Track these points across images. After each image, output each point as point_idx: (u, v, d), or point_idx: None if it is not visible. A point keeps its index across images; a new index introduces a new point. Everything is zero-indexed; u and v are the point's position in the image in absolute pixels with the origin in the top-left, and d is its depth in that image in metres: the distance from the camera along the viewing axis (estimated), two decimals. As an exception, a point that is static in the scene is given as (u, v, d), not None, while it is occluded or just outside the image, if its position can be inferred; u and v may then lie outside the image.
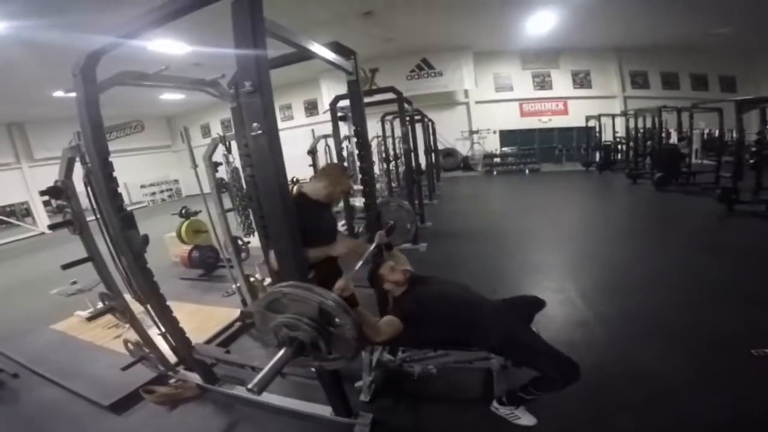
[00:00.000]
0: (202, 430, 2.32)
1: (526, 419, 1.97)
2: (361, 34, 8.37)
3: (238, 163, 3.41)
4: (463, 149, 13.62)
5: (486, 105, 13.10)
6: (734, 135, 6.75)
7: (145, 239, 2.50)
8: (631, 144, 10.05)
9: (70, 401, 2.75)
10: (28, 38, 4.60)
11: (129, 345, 2.80)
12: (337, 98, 4.74)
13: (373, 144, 9.33)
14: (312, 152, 5.44)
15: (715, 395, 2.05)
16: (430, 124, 9.46)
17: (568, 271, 4.10)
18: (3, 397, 2.94)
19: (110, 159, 2.27)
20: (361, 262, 2.07)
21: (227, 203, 3.50)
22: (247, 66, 1.43)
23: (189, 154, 3.57)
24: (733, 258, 3.97)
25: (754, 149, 5.58)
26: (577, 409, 2.02)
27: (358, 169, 2.83)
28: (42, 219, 11.43)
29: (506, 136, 13.21)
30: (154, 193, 15.40)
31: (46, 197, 2.77)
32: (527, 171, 12.08)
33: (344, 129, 13.18)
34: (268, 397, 2.30)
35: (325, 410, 2.12)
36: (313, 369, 1.91)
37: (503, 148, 13.04)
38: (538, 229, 5.81)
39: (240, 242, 3.94)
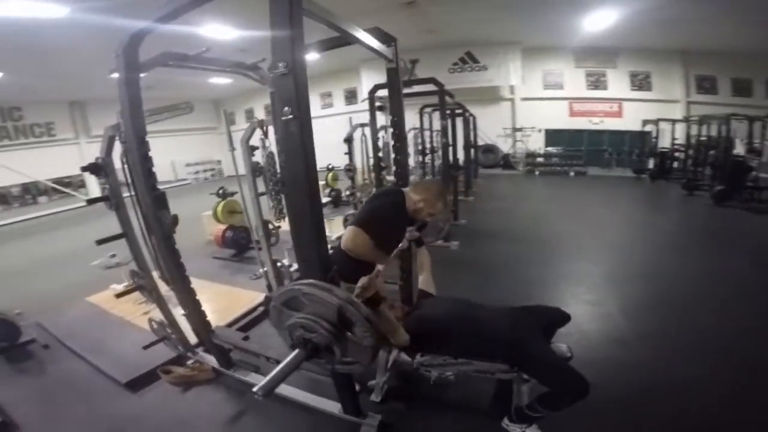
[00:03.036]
0: (212, 416, 2.32)
1: None
2: (402, 24, 8.17)
3: (274, 148, 3.44)
4: (505, 146, 13.14)
5: (532, 102, 12.53)
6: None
7: (175, 220, 2.52)
8: (691, 152, 9.27)
9: (91, 376, 2.85)
10: (87, 21, 4.82)
11: (153, 324, 2.88)
12: (376, 87, 4.64)
13: (410, 136, 9.19)
14: (348, 140, 5.38)
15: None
16: (471, 118, 9.15)
17: (610, 283, 3.82)
18: (29, 368, 3.09)
19: (147, 138, 2.32)
20: (390, 257, 2.04)
21: (261, 187, 3.52)
22: (282, 46, 1.34)
23: (227, 137, 3.61)
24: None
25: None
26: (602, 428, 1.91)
27: (392, 160, 2.72)
28: (94, 191, 12.25)
29: (552, 136, 12.59)
30: (197, 172, 16.04)
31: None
32: (572, 173, 11.48)
33: (381, 119, 13.08)
34: (280, 388, 2.26)
35: (334, 407, 2.08)
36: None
37: (548, 148, 12.46)
38: (579, 235, 5.48)
39: (270, 226, 3.98)
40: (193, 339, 2.77)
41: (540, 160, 12.34)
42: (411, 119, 8.24)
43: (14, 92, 9.19)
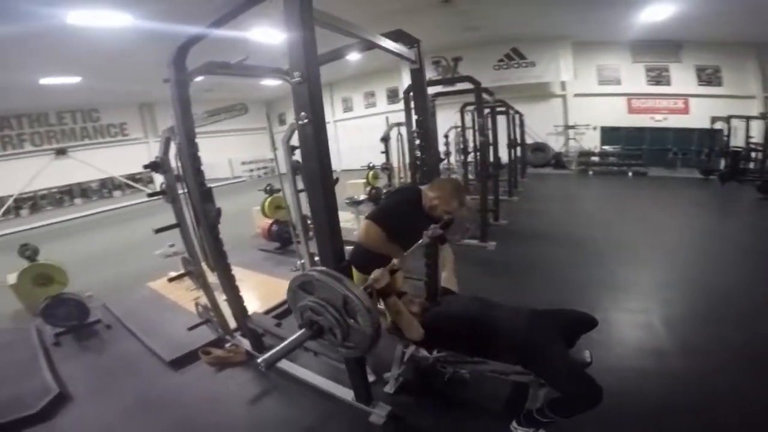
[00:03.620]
0: (238, 395, 2.53)
1: None
2: (440, 22, 8.12)
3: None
4: (556, 145, 12.58)
5: (586, 98, 11.87)
6: None
7: (218, 212, 2.77)
8: (769, 152, 8.32)
9: (142, 355, 3.20)
10: (148, 28, 5.30)
11: (199, 307, 3.18)
12: (410, 87, 4.69)
13: (451, 135, 9.11)
14: (385, 139, 5.49)
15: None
16: (516, 116, 8.88)
17: (656, 292, 3.56)
18: (92, 346, 3.53)
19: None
20: (410, 251, 2.06)
21: (301, 185, 3.74)
22: (297, 57, 1.48)
23: (270, 137, 3.85)
24: None
25: None
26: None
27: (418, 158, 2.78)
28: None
29: (609, 134, 11.85)
30: (252, 170, 16.93)
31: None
32: (630, 174, 10.70)
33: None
34: (303, 373, 2.44)
35: (348, 394, 2.19)
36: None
37: (604, 147, 11.72)
38: (631, 241, 5.09)
39: (309, 221, 4.20)
40: (232, 323, 3.02)
41: (595, 159, 11.64)
42: (453, 117, 8.21)
43: (92, 95, 10.31)
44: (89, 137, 12.35)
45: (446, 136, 8.83)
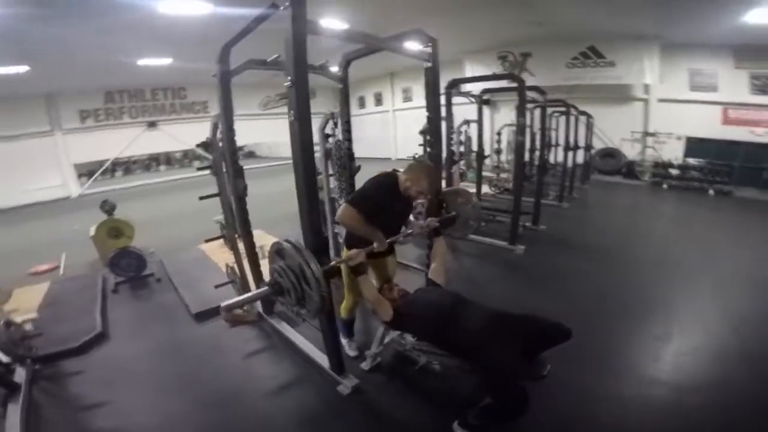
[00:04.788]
0: (240, 349, 2.90)
1: None
2: (506, 16, 7.80)
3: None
4: (630, 152, 11.54)
5: (673, 105, 10.68)
6: None
7: (245, 187, 3.15)
8: None
9: (176, 306, 3.70)
10: (228, 15, 5.80)
11: (228, 268, 3.60)
12: (453, 82, 4.73)
13: (504, 133, 8.83)
14: (423, 133, 5.56)
15: None
16: (580, 117, 8.35)
17: (699, 324, 3.08)
18: (140, 295, 4.16)
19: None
20: (401, 237, 2.27)
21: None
22: (289, 65, 1.71)
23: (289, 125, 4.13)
24: None
25: None
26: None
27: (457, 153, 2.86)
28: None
29: (695, 145, 10.59)
30: (315, 152, 17.75)
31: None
32: (711, 192, 9.52)
33: (486, 114, 12.65)
34: (296, 338, 2.71)
35: (326, 362, 2.39)
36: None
37: (687, 159, 10.52)
38: (693, 266, 4.28)
39: (336, 203, 4.47)
40: (253, 286, 3.38)
41: (674, 171, 10.49)
42: (508, 115, 7.96)
43: (181, 75, 11.41)
44: (176, 113, 13.76)
45: (498, 134, 8.60)
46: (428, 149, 2.78)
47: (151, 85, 13.08)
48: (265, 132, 13.85)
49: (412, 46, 2.54)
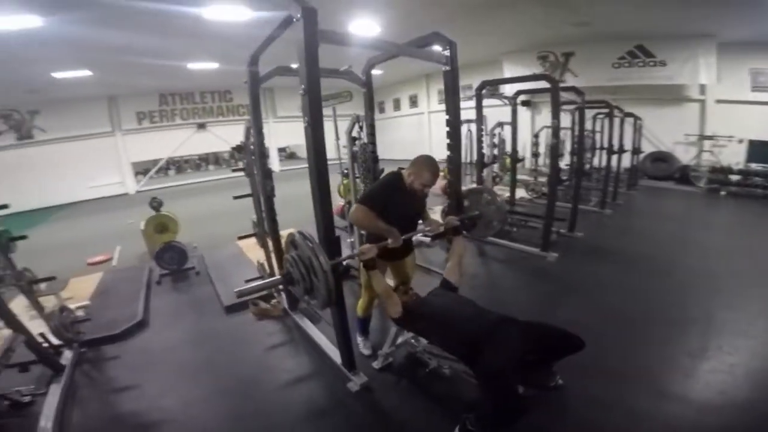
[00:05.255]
0: (263, 341, 3.07)
1: None
2: (545, 16, 7.53)
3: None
4: (684, 156, 10.76)
5: (732, 106, 9.84)
6: None
7: (272, 188, 3.31)
8: None
9: (211, 299, 3.94)
10: (271, 21, 6.13)
11: (258, 264, 3.78)
12: (483, 84, 4.66)
13: (543, 135, 8.54)
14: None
15: None
16: (626, 119, 7.91)
17: (741, 342, 2.74)
18: (180, 288, 4.46)
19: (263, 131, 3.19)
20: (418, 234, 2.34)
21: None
22: (302, 74, 1.80)
23: (334, 128, 4.27)
24: None
25: None
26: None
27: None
28: (275, 162, 15.28)
29: (759, 149, 9.69)
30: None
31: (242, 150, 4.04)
32: (776, 200, 8.67)
33: (525, 115, 12.33)
34: (314, 333, 2.82)
35: (338, 357, 2.46)
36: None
37: (750, 164, 9.66)
38: (747, 282, 3.84)
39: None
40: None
41: (734, 177, 9.65)
42: (549, 117, 7.67)
43: (227, 79, 11.93)
44: (223, 115, 14.52)
45: (536, 136, 8.33)
46: (448, 153, 2.76)
47: (200, 88, 13.91)
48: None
49: (436, 49, 2.55)
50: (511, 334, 1.78)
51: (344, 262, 2.18)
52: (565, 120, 6.72)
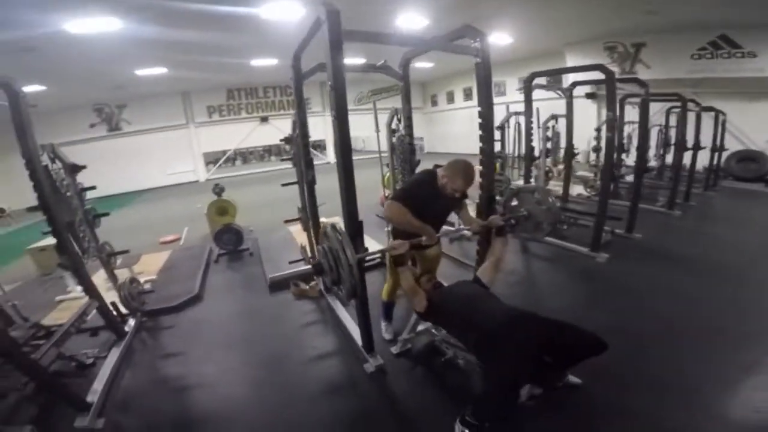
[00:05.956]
0: (297, 319, 3.31)
1: None
2: (612, 3, 6.96)
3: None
4: (779, 155, 9.47)
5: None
6: None
7: (313, 177, 3.50)
8: None
9: (259, 278, 4.24)
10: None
11: (301, 247, 4.03)
12: (533, 75, 4.49)
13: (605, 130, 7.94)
14: (501, 128, 5.37)
15: None
16: (702, 114, 7.13)
17: None
18: (234, 267, 4.88)
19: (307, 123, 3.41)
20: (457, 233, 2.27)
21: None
22: (329, 71, 1.92)
23: (374, 120, 4.37)
24: None
25: None
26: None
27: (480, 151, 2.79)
28: (330, 153, 15.82)
29: None
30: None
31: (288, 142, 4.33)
32: None
33: (591, 109, 11.60)
34: (343, 315, 2.99)
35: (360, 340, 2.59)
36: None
37: None
38: None
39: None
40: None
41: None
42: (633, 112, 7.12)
43: (287, 74, 12.60)
44: (284, 108, 15.28)
45: (597, 130, 7.77)
46: (481, 144, 2.71)
47: (263, 84, 14.77)
48: (358, 126, 14.51)
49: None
50: (530, 332, 1.75)
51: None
52: (634, 114, 6.23)
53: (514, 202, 2.95)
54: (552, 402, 2.04)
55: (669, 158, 7.16)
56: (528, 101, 4.73)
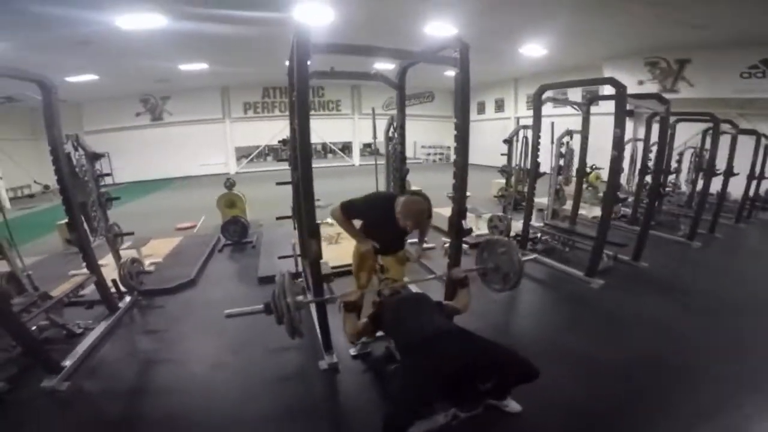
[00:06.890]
0: None
1: None
2: (651, 19, 6.67)
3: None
4: (834, 188, 8.67)
5: None
6: None
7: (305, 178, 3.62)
8: None
9: (253, 270, 4.42)
10: (354, 22, 6.49)
11: (292, 243, 4.17)
12: (543, 88, 4.43)
13: (628, 149, 7.59)
14: (508, 141, 5.30)
15: None
16: (738, 137, 6.65)
17: None
18: (235, 257, 5.09)
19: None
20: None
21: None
22: (293, 81, 2.02)
23: (372, 127, 4.46)
24: None
25: None
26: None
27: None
28: (356, 156, 16.11)
29: None
30: (429, 154, 18.32)
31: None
32: None
33: (629, 126, 11.22)
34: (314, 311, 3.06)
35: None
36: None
37: None
38: None
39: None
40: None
41: None
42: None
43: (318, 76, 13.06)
44: (315, 109, 15.76)
45: (616, 149, 7.47)
46: (455, 157, 2.71)
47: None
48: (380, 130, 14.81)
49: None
50: (449, 350, 1.70)
51: None
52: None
53: (485, 255, 2.82)
54: (478, 426, 1.97)
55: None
56: (537, 116, 4.64)
